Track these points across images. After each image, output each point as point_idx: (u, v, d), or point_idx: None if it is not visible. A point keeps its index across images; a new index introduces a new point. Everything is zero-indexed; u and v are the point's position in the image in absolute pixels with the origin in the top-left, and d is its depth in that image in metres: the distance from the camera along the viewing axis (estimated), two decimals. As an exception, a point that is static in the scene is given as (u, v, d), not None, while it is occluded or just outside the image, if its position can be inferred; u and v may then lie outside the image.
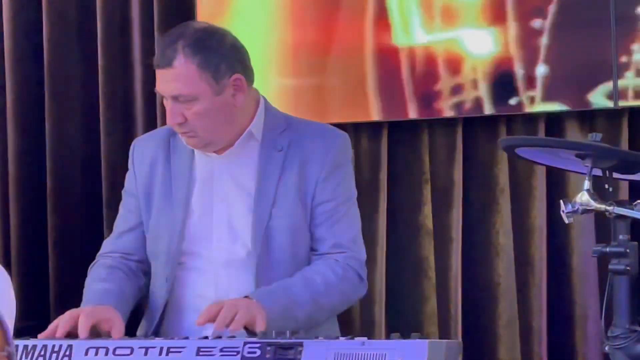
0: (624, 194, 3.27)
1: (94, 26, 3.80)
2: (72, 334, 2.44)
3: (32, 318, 3.72)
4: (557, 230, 3.44)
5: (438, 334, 3.52)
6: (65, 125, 3.83)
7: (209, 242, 2.67)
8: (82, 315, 2.46)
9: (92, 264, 2.77)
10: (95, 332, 2.48)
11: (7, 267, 3.80)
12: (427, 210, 3.58)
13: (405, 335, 2.19)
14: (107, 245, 2.79)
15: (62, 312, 2.52)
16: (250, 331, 2.43)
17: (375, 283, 3.55)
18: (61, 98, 3.83)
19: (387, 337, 2.20)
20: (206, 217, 2.68)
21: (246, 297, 2.52)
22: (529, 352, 3.49)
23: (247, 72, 2.66)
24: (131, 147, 2.82)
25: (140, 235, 2.73)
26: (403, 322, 3.57)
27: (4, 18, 3.83)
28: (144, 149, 2.78)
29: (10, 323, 1.92)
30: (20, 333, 2.48)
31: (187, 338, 2.34)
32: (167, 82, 2.57)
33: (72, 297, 2.77)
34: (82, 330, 2.43)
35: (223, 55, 2.61)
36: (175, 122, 2.58)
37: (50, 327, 2.47)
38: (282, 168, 2.66)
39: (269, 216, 2.64)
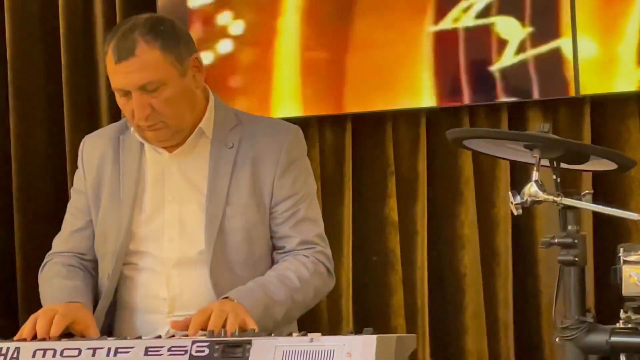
0: (587, 185, 3.26)
1: (56, 23, 3.78)
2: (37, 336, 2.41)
3: (1, 317, 3.71)
4: (521, 221, 3.41)
5: (405, 327, 3.49)
6: (29, 123, 3.81)
7: (160, 242, 2.63)
8: (58, 316, 2.41)
9: (43, 263, 2.73)
10: (66, 333, 2.45)
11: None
12: (392, 202, 3.55)
13: (376, 329, 2.17)
14: (58, 244, 2.75)
15: (30, 312, 2.47)
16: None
17: (341, 277, 3.52)
18: (25, 98, 3.81)
19: (357, 331, 2.18)
20: (157, 216, 2.64)
21: (226, 297, 2.49)
22: (495, 343, 3.48)
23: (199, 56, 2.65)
24: (80, 145, 2.78)
25: (91, 234, 2.69)
26: (370, 316, 3.55)
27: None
28: (92, 147, 2.74)
29: None
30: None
31: (139, 338, 2.31)
32: (131, 73, 2.51)
33: (39, 297, 2.73)
34: (55, 331, 2.39)
35: (180, 37, 2.59)
36: (144, 114, 2.52)
37: (26, 327, 2.42)
38: (233, 165, 2.62)
39: (222, 215, 2.61)
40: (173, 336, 2.34)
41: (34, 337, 2.37)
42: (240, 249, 2.61)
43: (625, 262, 2.08)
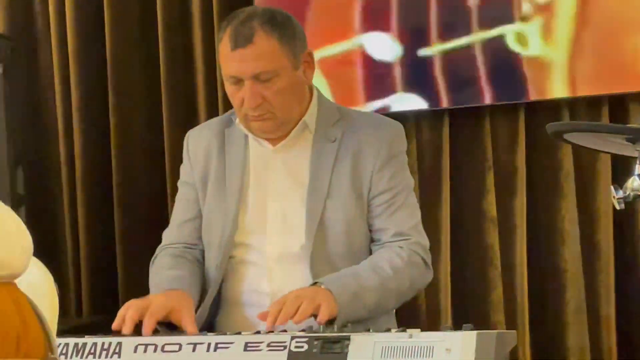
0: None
1: (154, 22, 3.80)
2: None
3: (102, 312, 3.76)
4: (623, 215, 3.35)
5: (504, 323, 3.45)
6: (129, 121, 3.84)
7: (263, 236, 2.65)
8: (147, 316, 2.45)
9: (154, 256, 2.78)
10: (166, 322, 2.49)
11: (77, 263, 3.87)
12: (491, 197, 3.51)
13: (475, 325, 2.16)
14: (168, 236, 2.78)
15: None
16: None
17: (440, 272, 3.49)
18: (124, 95, 3.84)
19: (457, 327, 2.17)
20: (260, 209, 2.66)
21: (315, 283, 2.50)
22: (597, 339, 3.42)
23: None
24: (185, 139, 2.82)
25: (200, 225, 2.73)
26: (469, 311, 3.52)
27: (67, 19, 3.85)
28: (198, 140, 2.77)
29: (53, 327, 1.92)
30: (90, 327, 2.50)
31: (239, 333, 2.33)
32: (247, 61, 2.54)
33: (140, 291, 2.77)
34: (147, 331, 2.43)
35: (296, 31, 2.62)
36: (255, 103, 2.55)
37: (118, 319, 2.47)
38: (335, 159, 2.64)
39: (322, 208, 2.62)
40: (272, 331, 2.35)
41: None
42: (340, 242, 2.62)
43: None
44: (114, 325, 2.45)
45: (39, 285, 2.02)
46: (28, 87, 3.87)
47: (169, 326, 2.49)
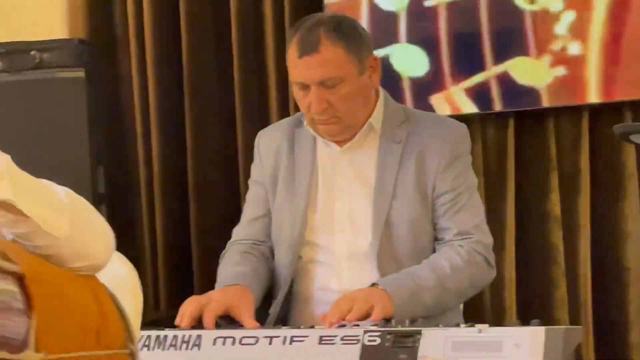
0: None
1: (229, 26, 3.83)
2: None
3: (178, 306, 3.80)
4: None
5: (568, 320, 3.43)
6: (204, 123, 3.87)
7: (331, 235, 2.66)
8: (206, 312, 2.47)
9: (223, 251, 2.80)
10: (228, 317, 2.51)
11: (154, 259, 3.91)
12: (555, 197, 3.49)
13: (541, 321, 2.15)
14: (237, 232, 2.81)
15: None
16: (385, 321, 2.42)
17: (504, 269, 3.49)
18: (200, 98, 3.88)
19: (524, 323, 2.17)
20: (328, 209, 2.67)
21: (374, 284, 2.50)
22: (661, 337, 3.39)
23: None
24: (256, 139, 2.85)
25: (269, 222, 2.75)
26: (533, 308, 3.51)
27: (145, 25, 3.89)
28: (268, 140, 2.80)
29: (136, 319, 1.94)
30: (167, 321, 2.53)
31: (313, 327, 2.35)
32: (313, 68, 2.56)
33: (214, 285, 2.79)
34: (207, 326, 2.46)
35: (361, 37, 2.64)
36: (321, 108, 2.57)
37: (179, 315, 2.50)
38: (400, 160, 2.64)
39: (388, 208, 2.62)
40: (344, 325, 2.36)
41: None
42: (405, 241, 2.62)
43: None
44: (177, 321, 2.48)
45: (123, 281, 2.06)
46: (108, 91, 3.92)
47: (231, 320, 2.52)
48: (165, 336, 2.31)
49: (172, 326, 2.46)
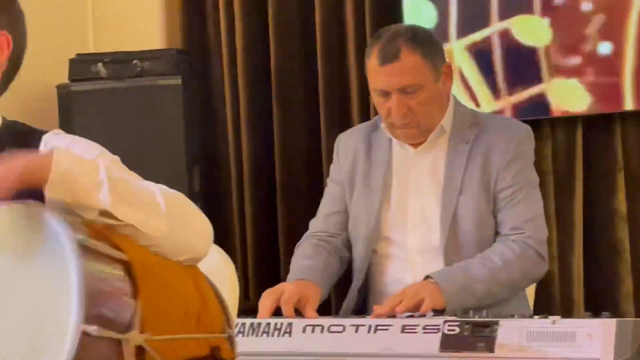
0: None
1: (314, 37, 3.83)
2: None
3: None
4: None
5: (634, 313, 3.36)
6: (290, 126, 3.87)
7: (405, 230, 2.65)
8: (282, 304, 2.47)
9: (299, 242, 2.80)
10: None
11: (244, 251, 3.91)
12: (621, 196, 3.42)
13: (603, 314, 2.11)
14: (314, 225, 2.82)
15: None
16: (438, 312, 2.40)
17: (573, 265, 3.43)
18: (286, 103, 3.88)
19: (595, 315, 2.12)
20: (401, 206, 2.67)
21: (427, 277, 2.48)
22: None
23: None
24: (336, 141, 2.85)
25: (344, 218, 2.76)
26: (601, 302, 3.43)
27: (236, 36, 3.90)
28: (347, 143, 2.80)
29: (233, 307, 1.94)
30: (256, 311, 2.53)
31: (394, 317, 2.32)
32: (394, 75, 2.56)
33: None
34: (289, 313, 2.45)
35: (436, 46, 2.64)
36: (401, 113, 2.58)
37: (260, 310, 2.49)
38: (467, 159, 2.63)
39: (455, 204, 2.60)
40: (424, 316, 2.34)
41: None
42: (471, 235, 2.60)
43: None
44: (259, 316, 2.47)
45: (221, 271, 2.06)
46: (202, 97, 3.94)
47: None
48: (259, 323, 2.30)
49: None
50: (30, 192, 1.50)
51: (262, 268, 3.88)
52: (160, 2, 4.04)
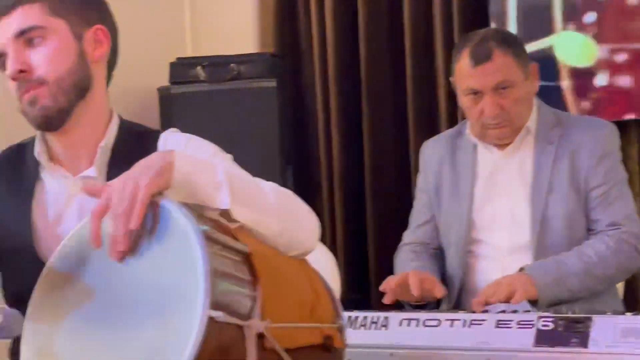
0: None
1: (402, 41, 3.86)
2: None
3: (355, 292, 3.86)
4: None
5: None
6: (380, 128, 3.91)
7: (494, 232, 2.68)
8: (410, 277, 2.51)
9: (395, 253, 2.86)
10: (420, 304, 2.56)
11: (334, 251, 3.96)
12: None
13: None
14: (407, 236, 2.87)
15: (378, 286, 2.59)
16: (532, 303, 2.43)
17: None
18: (376, 105, 3.92)
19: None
20: (489, 207, 2.70)
21: (521, 269, 2.51)
22: None
23: None
24: (420, 150, 2.90)
25: (434, 227, 2.79)
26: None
27: (327, 40, 3.95)
28: (432, 151, 2.84)
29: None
30: (345, 305, 2.59)
31: (487, 311, 2.36)
32: (488, 75, 2.61)
33: (388, 274, 2.84)
34: (415, 288, 2.50)
35: (523, 47, 2.68)
36: (494, 112, 2.62)
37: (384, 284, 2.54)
38: (554, 159, 2.66)
39: (544, 204, 2.63)
40: (516, 311, 2.37)
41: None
42: (561, 234, 2.62)
43: None
44: (384, 288, 2.52)
45: (325, 265, 2.13)
46: (295, 99, 4.01)
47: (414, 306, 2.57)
48: (357, 317, 2.35)
49: (351, 310, 2.49)
50: None
51: (352, 268, 3.92)
52: (254, 7, 4.13)
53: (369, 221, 3.92)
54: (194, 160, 1.66)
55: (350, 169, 3.96)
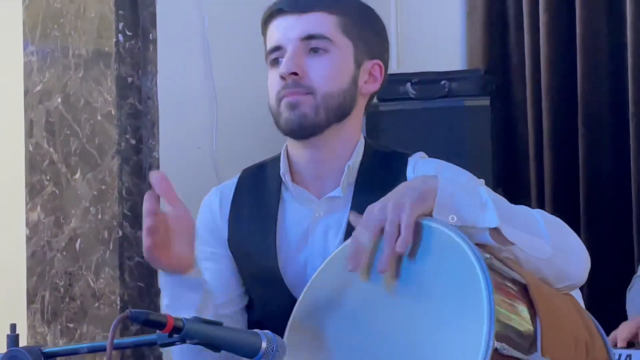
0: None
1: (624, 60, 3.73)
2: None
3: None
4: None
5: None
6: (597, 151, 3.77)
7: None
8: None
9: (629, 285, 2.77)
10: None
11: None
12: None
13: None
14: None
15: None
16: None
17: None
18: (593, 126, 3.79)
19: None
20: None
21: None
22: None
23: None
24: None
25: None
26: None
27: (541, 56, 3.86)
28: None
29: None
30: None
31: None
32: None
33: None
34: None
35: None
36: None
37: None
38: None
39: None
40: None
41: None
42: None
43: None
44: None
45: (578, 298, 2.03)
46: (506, 117, 3.93)
47: None
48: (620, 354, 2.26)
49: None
50: None
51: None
52: (463, 22, 4.08)
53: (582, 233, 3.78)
54: (455, 182, 1.63)
55: (562, 193, 3.86)
